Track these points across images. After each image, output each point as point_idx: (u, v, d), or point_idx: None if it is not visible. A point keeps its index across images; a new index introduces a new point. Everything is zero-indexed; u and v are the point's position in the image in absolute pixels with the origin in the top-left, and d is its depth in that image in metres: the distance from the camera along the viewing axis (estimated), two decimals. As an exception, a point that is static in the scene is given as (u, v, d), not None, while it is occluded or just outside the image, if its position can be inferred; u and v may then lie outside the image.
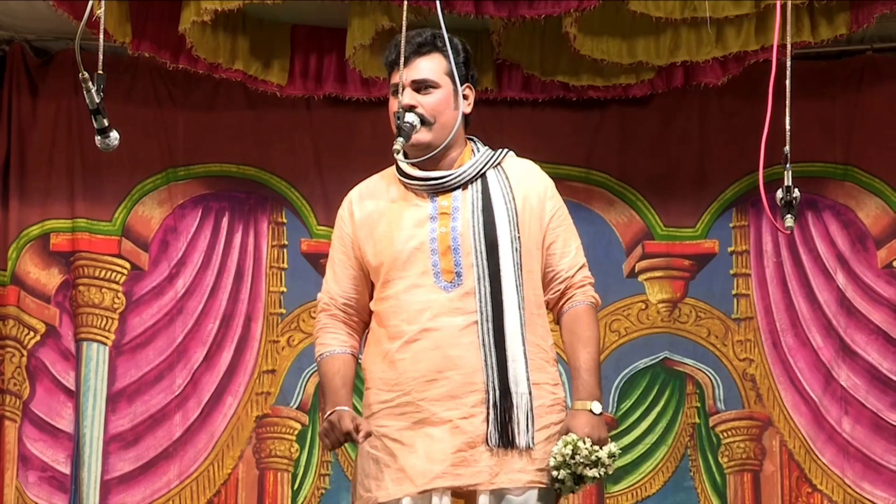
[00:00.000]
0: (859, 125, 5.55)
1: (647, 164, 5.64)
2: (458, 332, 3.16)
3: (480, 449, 3.12)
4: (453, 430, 3.13)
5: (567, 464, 3.12)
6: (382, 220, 3.26)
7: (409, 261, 3.20)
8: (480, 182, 3.27)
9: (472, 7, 4.64)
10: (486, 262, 3.19)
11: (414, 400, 3.15)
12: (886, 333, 5.45)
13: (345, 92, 5.32)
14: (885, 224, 5.54)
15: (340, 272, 3.32)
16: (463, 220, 3.21)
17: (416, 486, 3.10)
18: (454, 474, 3.11)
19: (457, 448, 3.12)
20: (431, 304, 3.17)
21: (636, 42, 5.02)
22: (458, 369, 3.15)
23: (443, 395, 3.14)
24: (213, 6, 4.60)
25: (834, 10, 4.84)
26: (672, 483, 5.52)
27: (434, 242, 3.20)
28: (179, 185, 5.61)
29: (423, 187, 3.26)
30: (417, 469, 3.11)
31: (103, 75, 2.89)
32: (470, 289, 3.17)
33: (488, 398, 3.14)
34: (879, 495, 5.40)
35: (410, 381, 3.16)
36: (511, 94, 5.39)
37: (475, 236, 3.20)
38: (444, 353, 3.15)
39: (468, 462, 3.12)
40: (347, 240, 3.32)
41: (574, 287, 3.33)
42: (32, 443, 5.44)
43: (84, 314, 5.48)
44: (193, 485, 5.47)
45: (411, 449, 3.13)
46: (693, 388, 5.56)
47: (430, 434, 3.13)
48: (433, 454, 3.11)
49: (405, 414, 3.16)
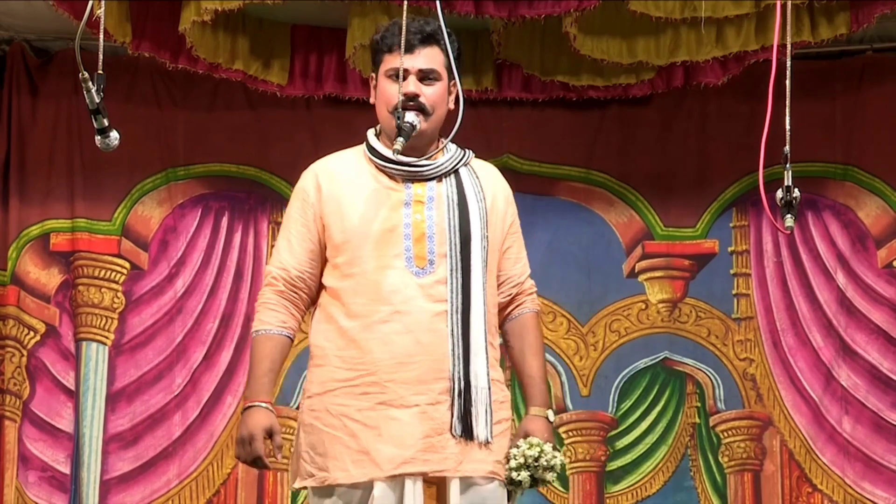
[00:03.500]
0: (859, 125, 5.55)
1: (647, 164, 5.64)
2: (430, 317, 3.16)
3: (446, 436, 3.13)
4: (421, 414, 3.12)
5: (529, 465, 3.19)
6: (353, 197, 3.24)
7: (381, 241, 3.19)
8: (454, 177, 3.29)
9: (472, 7, 4.64)
10: (459, 254, 3.21)
11: (380, 381, 3.14)
12: (887, 333, 5.46)
13: (345, 92, 5.32)
14: (885, 224, 5.54)
15: (298, 244, 3.25)
16: (438, 210, 3.23)
17: (383, 471, 3.09)
18: (423, 460, 3.11)
19: (425, 434, 3.12)
20: (404, 287, 3.16)
21: (636, 42, 5.02)
22: (427, 355, 3.15)
23: (411, 378, 3.14)
24: (213, 6, 4.60)
25: (834, 10, 4.84)
26: (672, 483, 5.52)
27: (408, 228, 3.20)
28: (179, 185, 5.61)
29: (401, 173, 3.25)
30: (385, 454, 3.10)
31: (103, 75, 2.89)
32: (442, 277, 3.18)
33: (453, 387, 3.15)
34: (880, 495, 5.41)
35: (378, 362, 3.15)
36: (511, 94, 5.39)
37: (451, 228, 3.22)
38: (416, 337, 3.15)
39: (436, 448, 3.12)
40: (310, 213, 3.26)
41: (524, 294, 3.40)
42: (32, 443, 5.44)
43: (84, 314, 5.48)
44: (193, 484, 5.47)
45: (376, 432, 3.11)
46: (693, 387, 5.56)
47: (396, 417, 3.12)
48: (402, 439, 3.10)
49: (367, 394, 3.14)
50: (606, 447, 5.53)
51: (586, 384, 5.58)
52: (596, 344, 5.60)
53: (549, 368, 5.59)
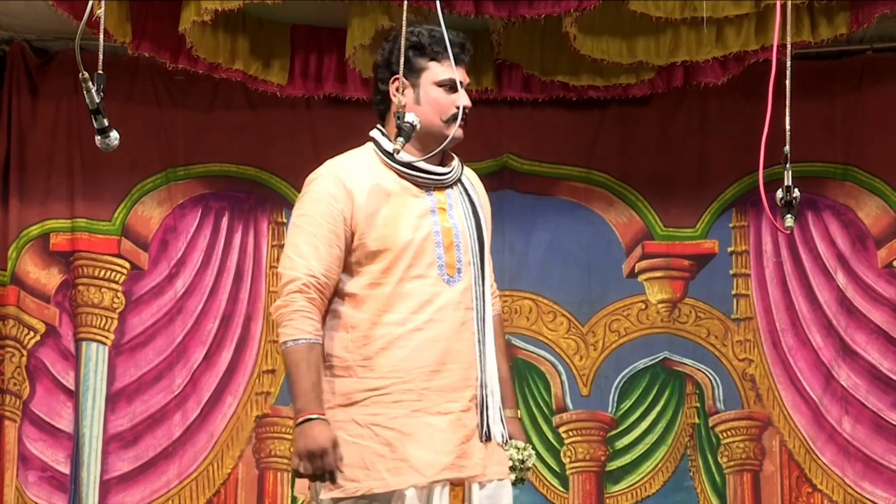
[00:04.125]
0: (859, 125, 5.56)
1: (647, 164, 5.64)
2: (459, 326, 3.19)
3: (474, 441, 3.17)
4: (455, 422, 3.15)
5: (515, 468, 3.26)
6: (385, 204, 3.21)
7: (419, 251, 3.19)
8: (460, 184, 3.33)
9: (472, 7, 4.64)
10: (479, 260, 3.26)
11: (416, 388, 3.15)
12: (887, 333, 5.46)
13: (345, 92, 5.31)
14: (885, 224, 5.54)
15: (325, 250, 3.17)
16: (458, 218, 3.26)
17: (425, 477, 3.10)
18: (459, 466, 3.14)
19: (460, 440, 3.15)
20: (437, 296, 3.18)
21: (636, 42, 5.02)
22: (458, 363, 3.18)
23: (445, 386, 3.16)
24: (213, 6, 4.60)
25: (834, 10, 4.84)
26: (672, 483, 5.52)
27: (438, 235, 3.22)
28: (179, 185, 5.61)
29: (427, 181, 3.26)
30: (423, 460, 3.11)
31: (103, 75, 2.89)
32: (468, 285, 3.22)
33: (480, 394, 3.20)
34: (880, 495, 5.41)
35: (412, 370, 3.15)
36: (511, 94, 5.39)
37: (471, 235, 3.26)
38: (448, 345, 3.17)
39: (468, 454, 3.16)
40: (340, 218, 3.19)
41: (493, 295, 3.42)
42: (32, 443, 5.44)
43: (84, 314, 5.48)
44: (193, 485, 5.47)
45: (413, 438, 3.12)
46: (693, 388, 5.56)
47: (432, 424, 3.14)
48: (438, 445, 3.12)
49: (401, 402, 3.15)
50: (606, 447, 5.54)
51: (586, 384, 5.58)
52: (596, 344, 5.60)
53: (549, 368, 5.61)
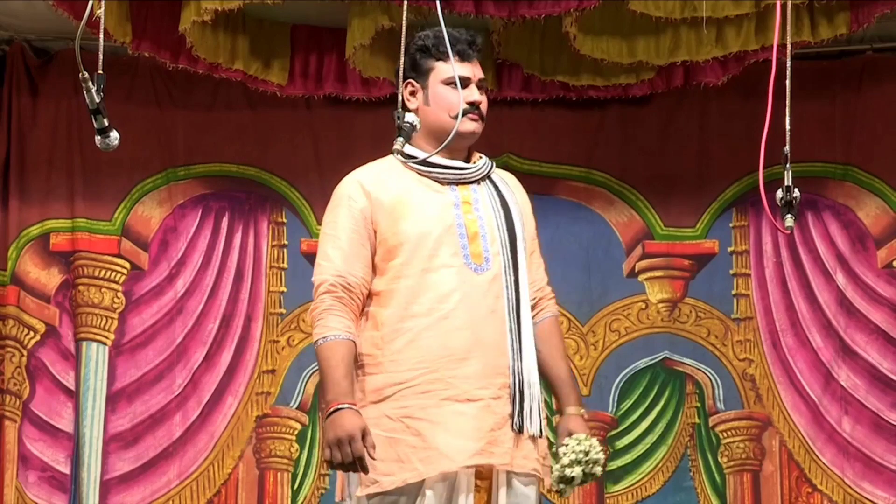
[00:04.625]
0: (859, 125, 5.56)
1: (647, 164, 5.64)
2: (488, 314, 3.20)
3: (505, 430, 3.17)
4: (485, 408, 3.15)
5: (580, 461, 3.21)
6: (404, 200, 3.25)
7: (438, 241, 3.21)
8: (490, 181, 3.36)
9: (472, 7, 4.64)
10: (509, 252, 3.27)
11: (444, 377, 3.15)
12: (886, 333, 5.46)
13: (345, 92, 5.31)
14: (885, 224, 5.54)
15: (350, 250, 3.21)
16: (485, 211, 3.28)
17: (455, 463, 3.11)
18: (489, 452, 3.14)
19: (490, 427, 3.15)
20: (463, 284, 3.19)
21: (636, 42, 5.02)
22: (487, 350, 3.18)
23: (473, 374, 3.16)
24: (213, 6, 4.60)
25: (834, 9, 4.84)
26: (672, 483, 5.52)
27: (461, 227, 3.24)
28: (179, 185, 5.61)
29: (448, 176, 3.30)
30: (454, 446, 3.11)
31: (103, 75, 2.89)
32: (497, 273, 3.23)
33: (513, 382, 3.20)
34: (880, 495, 5.41)
35: (439, 360, 3.16)
36: (511, 94, 5.39)
37: (499, 228, 3.27)
38: (475, 333, 3.18)
39: (498, 441, 3.16)
40: (361, 217, 3.23)
41: (546, 298, 3.44)
42: (32, 443, 5.44)
43: (84, 314, 5.48)
44: (193, 485, 5.47)
45: (443, 427, 3.13)
46: (693, 388, 5.56)
47: (462, 411, 3.14)
48: (469, 432, 3.13)
49: (430, 392, 3.15)
50: (606, 447, 5.53)
51: (586, 384, 5.58)
52: (596, 343, 5.60)
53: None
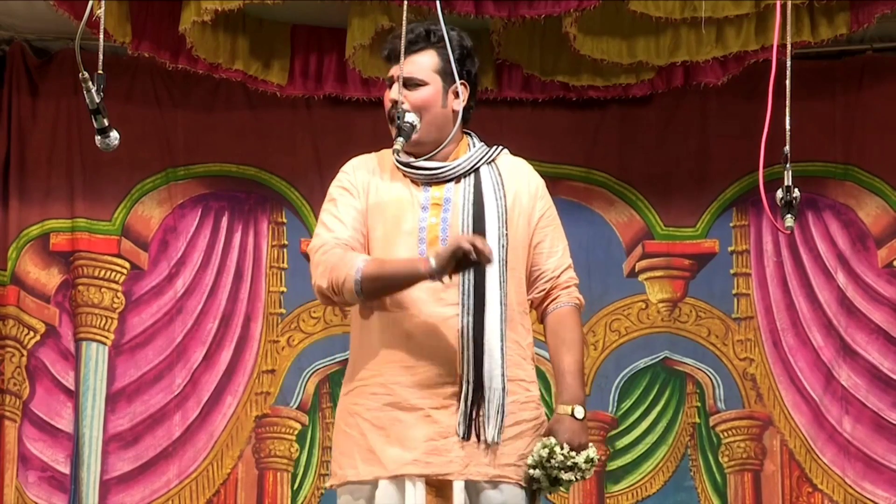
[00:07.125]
0: (859, 125, 5.56)
1: (647, 163, 5.64)
2: (439, 322, 3.15)
3: (452, 440, 3.12)
4: (424, 418, 3.12)
5: (542, 465, 3.14)
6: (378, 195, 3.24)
7: (396, 244, 3.19)
8: (473, 177, 3.27)
9: (472, 7, 4.64)
10: None
11: (387, 383, 3.14)
12: (887, 333, 5.46)
13: (345, 92, 5.31)
14: (885, 223, 5.54)
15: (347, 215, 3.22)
16: (454, 212, 3.22)
17: (387, 471, 3.10)
18: (425, 462, 3.11)
19: (429, 437, 3.11)
20: (415, 290, 3.13)
21: (636, 42, 5.02)
22: (434, 359, 3.14)
23: (416, 383, 3.13)
24: (213, 6, 4.60)
25: (834, 10, 4.84)
26: (672, 483, 5.52)
27: (423, 231, 3.20)
28: (179, 185, 5.61)
29: (418, 176, 3.26)
30: (388, 454, 3.11)
31: (103, 75, 2.89)
32: (454, 281, 3.14)
33: (461, 391, 3.14)
34: (880, 495, 5.40)
35: (385, 364, 3.15)
36: (511, 94, 5.39)
37: (463, 229, 3.19)
38: (423, 341, 3.14)
39: (439, 451, 3.11)
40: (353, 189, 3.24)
41: (559, 287, 3.34)
42: (32, 443, 5.44)
43: (83, 314, 5.48)
44: (193, 485, 5.47)
45: (382, 432, 3.13)
46: (693, 387, 5.56)
47: (401, 420, 3.13)
48: (405, 441, 3.11)
49: (376, 395, 3.15)
50: (606, 447, 5.53)
51: (587, 383, 5.57)
52: (596, 343, 5.60)
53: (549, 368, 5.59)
